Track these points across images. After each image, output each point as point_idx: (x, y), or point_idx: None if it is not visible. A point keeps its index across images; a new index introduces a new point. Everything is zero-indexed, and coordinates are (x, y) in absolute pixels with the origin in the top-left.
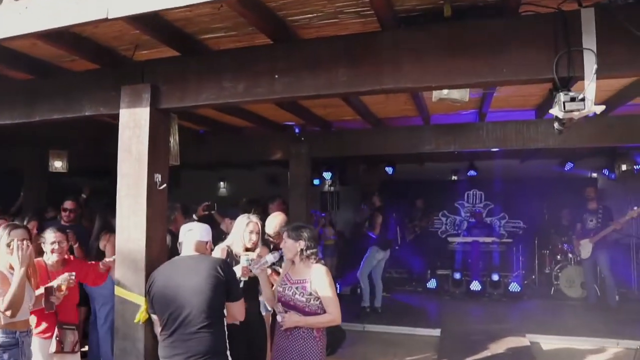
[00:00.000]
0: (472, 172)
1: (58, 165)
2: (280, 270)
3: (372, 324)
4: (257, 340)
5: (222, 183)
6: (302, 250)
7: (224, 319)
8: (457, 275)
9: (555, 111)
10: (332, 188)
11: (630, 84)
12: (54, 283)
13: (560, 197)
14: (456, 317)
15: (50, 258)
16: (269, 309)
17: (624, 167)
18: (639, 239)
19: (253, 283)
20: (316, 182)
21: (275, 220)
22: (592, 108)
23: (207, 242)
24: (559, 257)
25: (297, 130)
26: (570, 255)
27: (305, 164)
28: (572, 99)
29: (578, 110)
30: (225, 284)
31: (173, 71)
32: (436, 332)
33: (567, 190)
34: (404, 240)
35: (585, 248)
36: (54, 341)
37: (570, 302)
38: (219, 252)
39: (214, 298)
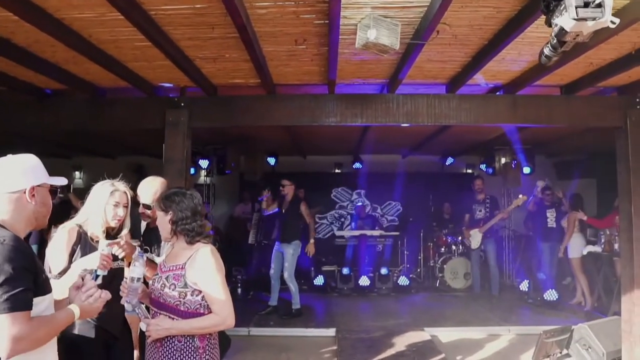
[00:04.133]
0: (356, 165)
1: None
2: (158, 260)
3: (258, 327)
4: (120, 356)
5: (77, 173)
6: (172, 224)
7: None
8: (346, 271)
9: (563, 20)
10: (208, 179)
11: (534, 66)
12: None
13: (443, 191)
14: (350, 315)
15: None
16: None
17: (503, 161)
18: (510, 230)
19: (117, 277)
20: (191, 171)
21: (153, 186)
22: (609, 18)
23: (10, 193)
24: (442, 249)
25: (172, 95)
26: (453, 247)
27: (184, 134)
28: (586, 4)
29: (594, 18)
30: None
31: None
32: (331, 332)
33: (449, 184)
34: None
35: (475, 238)
36: None
37: (455, 293)
38: (65, 234)
39: None
